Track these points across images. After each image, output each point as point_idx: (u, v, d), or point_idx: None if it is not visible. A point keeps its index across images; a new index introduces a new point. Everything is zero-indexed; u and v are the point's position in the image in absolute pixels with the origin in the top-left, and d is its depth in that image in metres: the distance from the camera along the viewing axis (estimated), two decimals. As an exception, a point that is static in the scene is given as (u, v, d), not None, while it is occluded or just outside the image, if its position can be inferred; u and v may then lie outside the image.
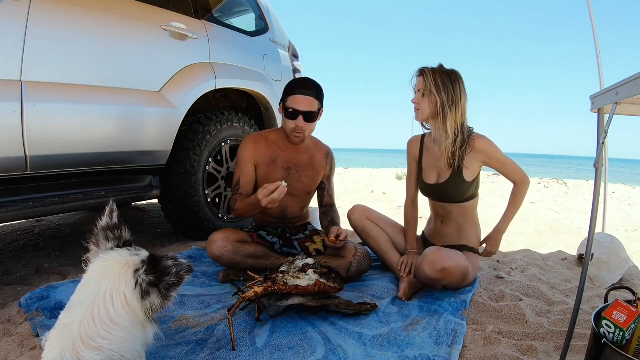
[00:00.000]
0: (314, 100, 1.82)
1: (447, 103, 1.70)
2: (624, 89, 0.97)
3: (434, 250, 1.69)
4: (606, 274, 2.02)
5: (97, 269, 0.98)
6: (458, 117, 1.72)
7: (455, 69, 1.77)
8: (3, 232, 2.83)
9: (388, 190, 5.53)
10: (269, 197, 1.61)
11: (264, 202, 1.62)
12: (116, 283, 0.94)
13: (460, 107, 1.72)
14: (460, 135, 1.75)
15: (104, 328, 0.88)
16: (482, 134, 1.80)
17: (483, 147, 1.76)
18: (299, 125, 1.81)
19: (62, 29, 1.76)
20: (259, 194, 1.64)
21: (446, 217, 1.90)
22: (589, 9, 2.65)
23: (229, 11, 2.98)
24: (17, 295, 1.70)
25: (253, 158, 1.91)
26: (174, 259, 1.02)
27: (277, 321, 1.49)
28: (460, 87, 1.73)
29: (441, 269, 1.63)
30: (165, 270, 0.98)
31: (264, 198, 1.62)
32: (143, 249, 1.07)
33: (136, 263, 0.99)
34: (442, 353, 1.29)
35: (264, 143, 1.93)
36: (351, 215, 2.05)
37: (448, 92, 1.71)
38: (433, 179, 1.87)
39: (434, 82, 1.71)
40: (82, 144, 1.86)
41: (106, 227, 1.05)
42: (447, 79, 1.72)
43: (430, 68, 1.76)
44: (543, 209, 4.42)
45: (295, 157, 1.96)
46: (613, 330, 0.99)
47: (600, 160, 1.11)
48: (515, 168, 1.82)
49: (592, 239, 1.14)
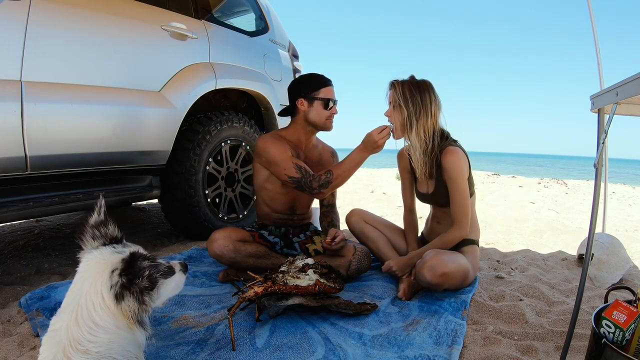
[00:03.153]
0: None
1: (415, 114, 1.72)
2: (624, 89, 0.97)
3: (433, 255, 1.66)
4: (606, 274, 2.02)
5: (81, 269, 0.95)
6: (428, 125, 1.73)
7: (425, 79, 1.79)
8: (3, 232, 2.83)
9: (388, 190, 5.53)
10: (383, 133, 1.75)
11: (380, 141, 1.76)
12: (94, 285, 0.90)
13: (431, 116, 1.73)
14: (430, 143, 1.75)
15: (88, 331, 0.86)
16: (454, 147, 1.75)
17: (446, 162, 1.73)
18: (334, 112, 1.95)
19: (62, 29, 1.76)
20: (374, 135, 1.75)
21: (442, 217, 1.92)
22: (589, 9, 2.65)
23: (229, 11, 2.98)
24: (17, 295, 1.70)
25: (288, 150, 1.90)
26: (152, 260, 0.96)
27: (277, 321, 1.49)
28: (429, 95, 1.74)
29: (441, 274, 1.62)
30: (137, 273, 0.91)
31: (380, 139, 1.75)
32: (133, 244, 1.02)
33: (115, 262, 0.93)
34: (442, 353, 1.29)
35: (282, 141, 1.94)
36: (349, 219, 2.08)
37: (415, 103, 1.72)
38: (424, 188, 1.91)
39: (402, 94, 1.74)
40: (82, 144, 1.86)
41: (93, 224, 1.00)
42: (416, 90, 1.74)
43: (400, 80, 1.79)
44: (543, 209, 4.42)
45: (307, 153, 2.03)
46: (613, 330, 0.99)
47: (600, 160, 1.11)
48: (464, 205, 1.73)
49: (592, 239, 1.14)
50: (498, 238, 3.01)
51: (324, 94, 1.92)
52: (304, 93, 1.92)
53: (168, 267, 1.00)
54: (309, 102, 1.92)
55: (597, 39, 2.69)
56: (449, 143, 1.77)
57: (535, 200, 5.02)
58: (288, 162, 1.85)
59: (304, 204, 2.08)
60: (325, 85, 1.93)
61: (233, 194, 2.74)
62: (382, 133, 1.76)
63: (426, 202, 1.96)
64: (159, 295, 0.99)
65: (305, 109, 1.92)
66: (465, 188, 1.75)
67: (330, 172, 1.83)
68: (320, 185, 1.83)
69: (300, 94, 1.93)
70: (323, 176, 1.83)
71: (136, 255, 0.95)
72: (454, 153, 1.73)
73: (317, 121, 1.93)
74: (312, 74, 2.01)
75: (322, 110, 1.92)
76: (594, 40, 2.71)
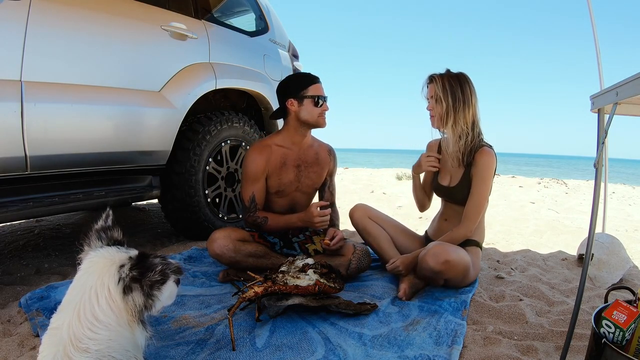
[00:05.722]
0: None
1: (457, 105, 1.77)
2: (624, 89, 0.97)
3: (437, 244, 1.72)
4: (606, 274, 2.03)
5: (84, 267, 0.97)
6: (468, 116, 1.79)
7: (462, 72, 1.84)
8: (3, 232, 2.83)
9: (388, 190, 5.53)
10: (323, 217, 1.83)
11: (315, 219, 1.83)
12: (100, 278, 0.92)
13: (471, 107, 1.79)
14: (470, 133, 1.80)
15: (89, 327, 0.87)
16: (490, 149, 1.82)
17: (481, 160, 1.79)
18: (325, 109, 1.95)
19: (62, 28, 1.76)
20: (313, 211, 1.82)
21: (451, 215, 1.95)
22: (589, 9, 2.65)
23: (229, 11, 2.98)
24: (17, 295, 1.70)
25: (265, 171, 1.94)
26: (163, 258, 1.00)
27: (277, 321, 1.49)
28: (469, 87, 1.81)
29: (444, 261, 1.65)
30: (149, 267, 0.96)
31: (315, 217, 1.82)
32: (135, 249, 1.06)
33: (122, 259, 0.97)
34: (442, 353, 1.29)
35: (270, 150, 1.95)
36: (353, 214, 2.07)
37: (456, 95, 1.78)
38: (446, 181, 1.94)
39: (442, 87, 1.79)
40: (82, 144, 1.86)
41: (100, 228, 1.05)
42: (455, 82, 1.79)
43: (438, 74, 1.83)
44: (543, 209, 4.41)
45: (303, 154, 2.01)
46: (613, 330, 0.99)
47: (600, 160, 1.11)
48: (480, 205, 1.81)
49: (592, 239, 1.14)
50: (498, 238, 3.01)
51: (312, 92, 1.91)
52: (293, 93, 1.91)
53: (177, 266, 1.03)
54: (298, 102, 1.90)
55: (597, 39, 2.69)
56: (486, 144, 1.84)
57: (535, 200, 5.02)
58: (249, 186, 1.94)
59: (303, 204, 2.08)
60: (313, 83, 1.92)
61: (233, 194, 2.74)
62: (321, 213, 1.82)
63: (442, 195, 1.98)
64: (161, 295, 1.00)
65: (296, 108, 1.91)
66: (487, 191, 1.81)
67: (266, 219, 1.93)
68: (252, 223, 1.95)
69: (289, 95, 1.92)
70: (259, 219, 1.94)
71: (145, 254, 0.99)
72: (490, 154, 1.80)
73: (309, 119, 1.92)
74: (298, 74, 2.03)
75: (313, 108, 1.91)
76: (594, 40, 2.71)
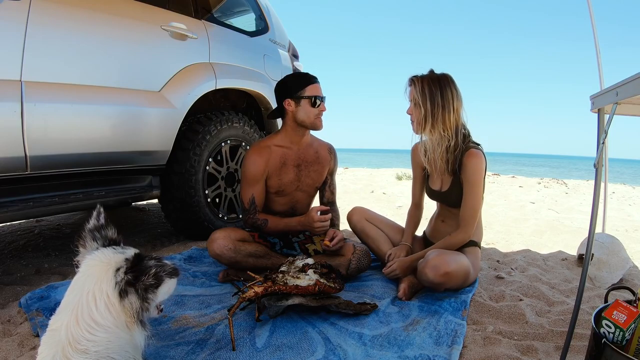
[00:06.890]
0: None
1: (436, 110, 1.69)
2: (624, 89, 0.97)
3: (436, 254, 1.66)
4: (606, 274, 2.02)
5: (82, 270, 0.97)
6: (449, 122, 1.71)
7: (446, 73, 1.75)
8: (3, 232, 2.83)
9: (388, 190, 5.53)
10: (324, 223, 1.82)
11: (315, 224, 1.82)
12: (98, 283, 0.92)
13: (453, 111, 1.71)
14: (454, 139, 1.73)
15: (87, 329, 0.87)
16: (477, 150, 1.73)
17: (469, 163, 1.72)
18: (322, 110, 1.93)
19: (62, 28, 1.76)
20: (313, 216, 1.82)
21: (448, 217, 1.92)
22: (589, 10, 2.65)
23: (229, 11, 2.98)
24: (17, 295, 1.70)
25: (264, 173, 1.94)
26: (158, 260, 0.99)
27: (277, 321, 1.49)
28: (451, 90, 1.71)
29: (444, 273, 1.62)
30: (144, 270, 0.95)
31: (315, 222, 1.82)
32: (131, 247, 1.05)
33: (119, 261, 0.96)
34: (442, 353, 1.29)
35: (269, 151, 1.95)
36: (350, 217, 2.08)
37: (435, 100, 1.69)
38: (437, 186, 1.89)
39: (421, 91, 1.71)
40: (82, 144, 1.86)
41: (93, 228, 1.04)
42: (436, 86, 1.70)
43: (419, 76, 1.75)
44: (543, 209, 4.41)
45: (303, 153, 2.01)
46: (613, 330, 0.99)
47: (600, 160, 1.11)
48: (475, 209, 1.74)
49: (592, 239, 1.14)
50: (498, 238, 3.01)
51: (310, 92, 1.89)
52: (290, 93, 1.90)
53: (173, 267, 1.02)
54: (296, 102, 1.89)
55: (597, 39, 2.69)
56: (473, 145, 1.75)
57: (535, 200, 5.02)
58: (249, 188, 1.94)
59: (304, 204, 2.08)
60: (310, 83, 1.90)
61: (233, 194, 2.74)
62: (321, 218, 1.82)
63: (436, 199, 1.94)
64: (157, 295, 0.99)
65: (293, 109, 1.90)
66: (480, 193, 1.75)
67: (265, 222, 1.93)
68: (251, 225, 1.95)
69: (286, 95, 1.91)
70: (259, 221, 1.93)
71: (141, 255, 0.99)
72: (477, 156, 1.72)
73: (306, 120, 1.91)
74: (296, 73, 2.01)
75: (310, 108, 1.89)
76: (594, 40, 2.71)
